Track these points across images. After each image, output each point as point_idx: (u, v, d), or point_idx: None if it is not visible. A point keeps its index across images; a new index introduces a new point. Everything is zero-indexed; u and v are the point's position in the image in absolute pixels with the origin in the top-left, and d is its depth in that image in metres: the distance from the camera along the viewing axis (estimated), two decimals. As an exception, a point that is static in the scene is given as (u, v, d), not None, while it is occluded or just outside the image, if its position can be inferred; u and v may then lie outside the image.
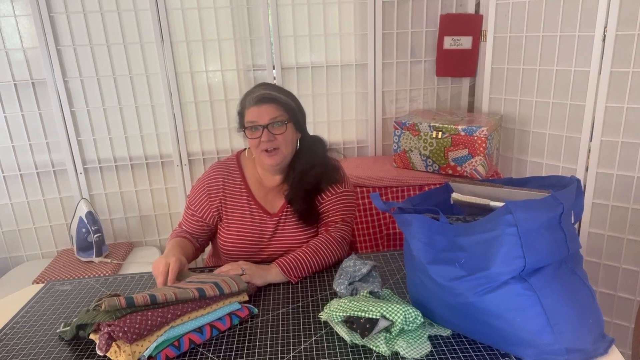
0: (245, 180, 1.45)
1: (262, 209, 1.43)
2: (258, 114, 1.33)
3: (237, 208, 1.43)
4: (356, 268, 1.21)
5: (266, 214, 1.43)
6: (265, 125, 1.33)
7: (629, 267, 1.92)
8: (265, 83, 1.45)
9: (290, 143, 1.39)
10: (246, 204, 1.43)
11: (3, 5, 2.04)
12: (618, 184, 1.88)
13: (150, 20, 2.13)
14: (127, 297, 0.98)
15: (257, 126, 1.33)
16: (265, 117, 1.33)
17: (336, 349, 0.98)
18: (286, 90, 1.41)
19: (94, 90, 2.19)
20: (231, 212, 1.43)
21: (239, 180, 1.45)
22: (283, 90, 1.40)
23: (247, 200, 1.43)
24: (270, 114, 1.33)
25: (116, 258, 2.14)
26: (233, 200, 1.43)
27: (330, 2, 2.23)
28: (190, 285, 1.11)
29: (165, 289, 1.07)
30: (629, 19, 1.74)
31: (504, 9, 2.12)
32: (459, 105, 2.46)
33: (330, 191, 1.43)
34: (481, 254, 0.90)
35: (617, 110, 1.83)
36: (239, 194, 1.44)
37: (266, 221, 1.42)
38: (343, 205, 1.44)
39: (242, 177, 1.45)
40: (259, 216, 1.42)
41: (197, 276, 1.20)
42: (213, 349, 1.02)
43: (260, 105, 1.33)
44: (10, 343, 1.09)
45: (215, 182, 1.44)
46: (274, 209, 1.44)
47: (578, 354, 0.88)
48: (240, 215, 1.42)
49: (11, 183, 2.22)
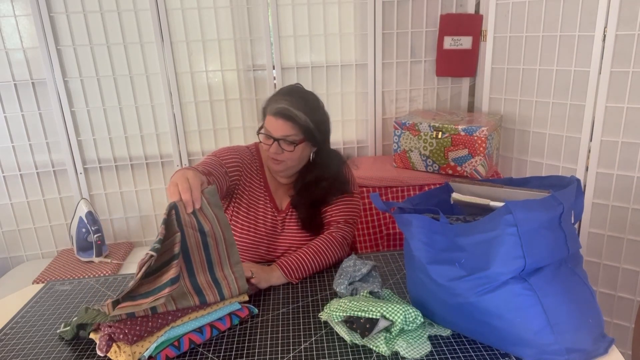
0: (264, 170, 1.45)
1: (274, 204, 1.44)
2: (274, 127, 1.31)
3: (253, 198, 1.42)
4: (356, 268, 1.21)
5: (275, 209, 1.43)
6: (277, 139, 1.32)
7: (629, 267, 1.92)
8: (292, 91, 1.37)
9: (298, 159, 1.37)
10: (262, 196, 1.43)
11: (3, 5, 2.04)
12: (618, 184, 1.88)
13: (150, 20, 2.13)
14: (129, 313, 0.96)
15: (270, 137, 1.33)
16: (279, 131, 1.31)
17: (336, 349, 0.98)
18: (312, 104, 1.35)
19: (94, 90, 2.19)
20: (247, 194, 1.41)
21: (259, 169, 1.45)
22: (308, 106, 1.33)
23: (263, 192, 1.43)
24: (284, 131, 1.30)
25: (116, 258, 2.14)
26: (252, 183, 1.43)
27: (330, 2, 2.23)
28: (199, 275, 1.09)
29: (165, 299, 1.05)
30: (629, 19, 1.74)
31: (504, 9, 2.12)
32: (459, 105, 2.46)
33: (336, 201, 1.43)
34: (481, 254, 0.90)
35: (617, 110, 1.83)
36: (257, 181, 1.44)
37: (275, 216, 1.43)
38: (346, 206, 1.44)
39: (260, 165, 1.45)
40: (270, 211, 1.43)
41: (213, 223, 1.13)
42: (213, 349, 1.02)
43: (278, 119, 1.30)
44: (10, 343, 1.09)
45: (243, 155, 1.41)
46: (282, 206, 1.45)
47: (578, 354, 0.88)
48: (254, 207, 1.42)
49: (11, 183, 2.22)
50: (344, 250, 1.40)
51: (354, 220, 1.46)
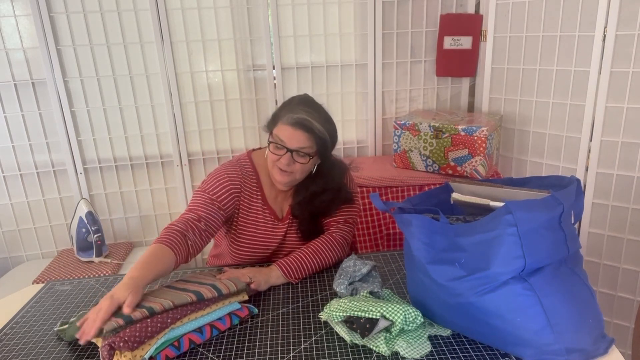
0: (260, 181, 1.40)
1: (273, 214, 1.41)
2: (289, 137, 1.26)
3: (252, 210, 1.39)
4: (356, 268, 1.21)
5: (276, 218, 1.41)
6: (291, 150, 1.27)
7: (629, 267, 1.92)
8: (307, 102, 1.32)
9: (307, 171, 1.35)
10: (260, 207, 1.40)
11: (3, 5, 2.04)
12: (618, 184, 1.88)
13: (150, 20, 2.13)
14: (125, 317, 0.96)
15: (283, 147, 1.27)
16: (295, 143, 1.26)
17: (336, 349, 0.98)
18: (325, 116, 1.32)
19: (94, 90, 2.19)
20: (245, 213, 1.38)
21: (254, 182, 1.40)
22: (322, 117, 1.30)
23: (261, 202, 1.40)
24: (301, 142, 1.26)
25: (116, 258, 2.14)
26: (250, 201, 1.39)
27: (330, 2, 2.23)
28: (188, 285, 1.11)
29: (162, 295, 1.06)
30: (629, 19, 1.74)
31: (504, 9, 2.12)
32: (459, 105, 2.46)
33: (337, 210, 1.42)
34: (481, 254, 0.90)
35: (617, 110, 1.83)
36: (256, 197, 1.39)
37: (276, 226, 1.41)
38: (346, 206, 1.43)
39: (257, 178, 1.40)
40: (270, 220, 1.40)
41: (197, 276, 1.20)
42: (213, 349, 1.02)
43: (296, 129, 1.25)
44: (10, 343, 1.09)
45: (235, 175, 1.36)
46: (282, 213, 1.43)
47: (578, 354, 0.88)
48: (253, 218, 1.39)
49: (11, 183, 2.22)
50: (344, 250, 1.40)
51: (354, 220, 1.45)
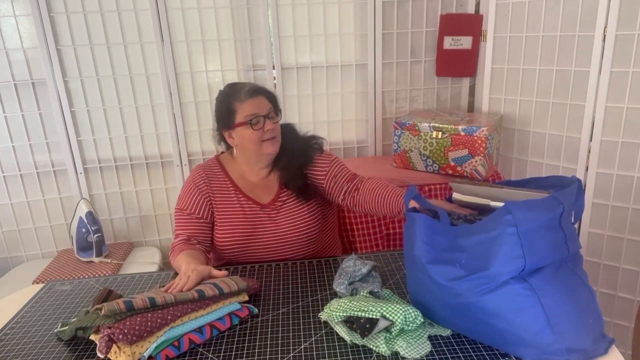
0: (229, 176, 1.48)
1: (252, 200, 1.45)
2: (257, 106, 1.36)
3: (227, 203, 1.45)
4: (356, 268, 1.21)
5: (256, 204, 1.44)
6: (266, 115, 1.37)
7: (629, 267, 1.92)
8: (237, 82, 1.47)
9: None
10: (235, 198, 1.45)
11: (3, 5, 2.04)
12: (618, 184, 1.88)
13: (150, 20, 2.13)
14: (126, 301, 0.98)
15: (259, 117, 1.36)
16: (264, 108, 1.37)
17: (336, 349, 0.98)
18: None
19: (94, 90, 2.19)
20: (221, 208, 1.44)
21: (222, 177, 1.47)
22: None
23: (235, 193, 1.45)
24: (267, 105, 1.38)
25: (116, 258, 2.14)
26: (221, 195, 1.45)
27: (330, 2, 2.23)
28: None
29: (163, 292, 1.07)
30: (629, 19, 1.74)
31: (504, 9, 2.12)
32: (459, 105, 2.46)
33: (320, 163, 1.47)
34: (481, 254, 0.90)
35: (617, 110, 1.83)
36: (226, 189, 1.46)
37: (257, 212, 1.44)
38: (342, 167, 1.49)
39: (225, 174, 1.48)
40: (249, 207, 1.44)
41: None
42: (213, 349, 1.02)
43: (256, 98, 1.37)
44: (10, 343, 1.09)
45: (201, 180, 1.46)
46: (265, 200, 1.46)
47: (578, 354, 0.88)
48: (230, 209, 1.44)
49: (11, 183, 2.22)
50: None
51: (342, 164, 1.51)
